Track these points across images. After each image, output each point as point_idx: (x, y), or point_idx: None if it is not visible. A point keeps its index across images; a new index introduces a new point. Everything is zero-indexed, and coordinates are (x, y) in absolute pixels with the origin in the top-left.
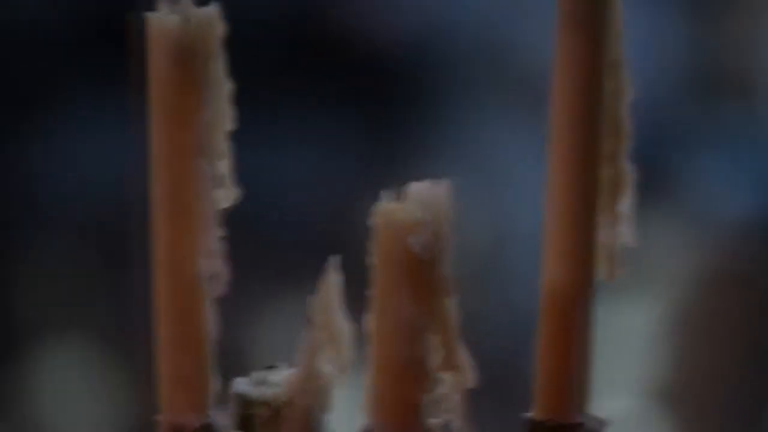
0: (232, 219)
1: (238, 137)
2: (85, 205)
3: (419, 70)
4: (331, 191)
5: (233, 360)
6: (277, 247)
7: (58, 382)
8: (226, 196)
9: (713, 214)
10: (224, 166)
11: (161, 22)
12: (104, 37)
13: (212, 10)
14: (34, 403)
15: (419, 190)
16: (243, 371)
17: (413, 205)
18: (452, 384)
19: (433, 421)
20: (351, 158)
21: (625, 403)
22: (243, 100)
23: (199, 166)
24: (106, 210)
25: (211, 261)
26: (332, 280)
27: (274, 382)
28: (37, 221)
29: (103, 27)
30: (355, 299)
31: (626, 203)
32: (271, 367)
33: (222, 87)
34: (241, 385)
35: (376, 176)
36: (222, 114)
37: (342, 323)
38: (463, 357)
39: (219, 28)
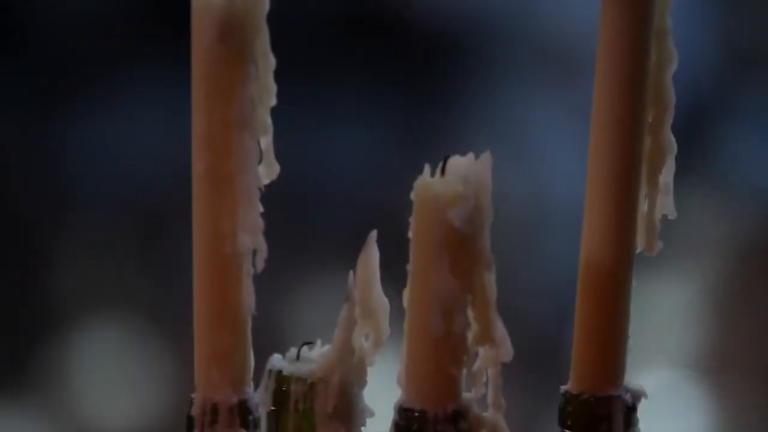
0: (273, 196)
1: (282, 115)
2: (124, 184)
3: (460, 49)
4: (375, 169)
5: (271, 336)
6: (318, 225)
7: (97, 359)
8: (269, 171)
9: (747, 185)
10: (267, 141)
11: None
12: (151, 18)
13: None
14: (74, 379)
15: (459, 164)
16: (280, 348)
17: (453, 179)
18: (488, 357)
19: (469, 395)
20: (392, 135)
21: (662, 374)
22: (286, 78)
23: (241, 140)
24: (144, 189)
25: (252, 237)
26: (371, 256)
27: (310, 358)
28: (76, 200)
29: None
30: (395, 275)
31: (668, 174)
32: (307, 344)
33: (266, 62)
34: (277, 361)
35: (417, 152)
36: (265, 89)
37: (379, 298)
38: (500, 331)
39: (264, 4)
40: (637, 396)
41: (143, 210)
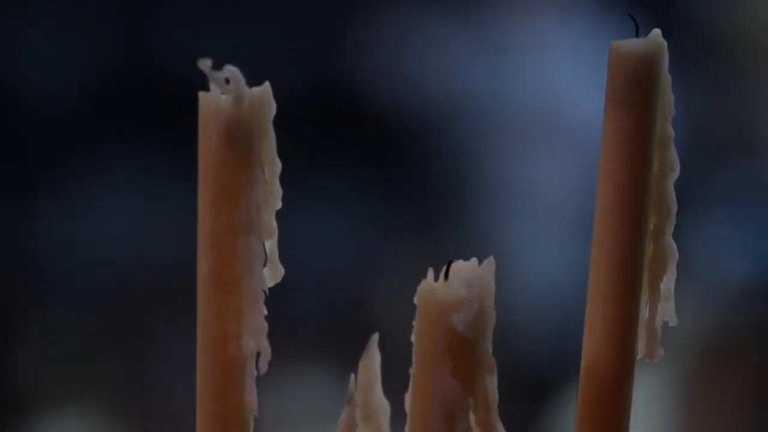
0: None
1: None
2: (93, 276)
3: (431, 135)
4: (349, 259)
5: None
6: (297, 315)
7: None
8: (273, 274)
9: (716, 278)
10: (271, 244)
11: (214, 101)
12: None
13: (264, 90)
14: None
15: (463, 268)
16: None
17: (457, 283)
18: None
19: None
20: (369, 225)
21: None
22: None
23: (247, 243)
24: (114, 280)
25: (256, 339)
26: (372, 358)
27: None
28: (44, 292)
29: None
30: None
31: (669, 281)
32: None
33: (272, 166)
34: None
35: (390, 243)
36: (271, 193)
37: (380, 401)
38: None
39: (271, 108)
40: None
41: (113, 301)
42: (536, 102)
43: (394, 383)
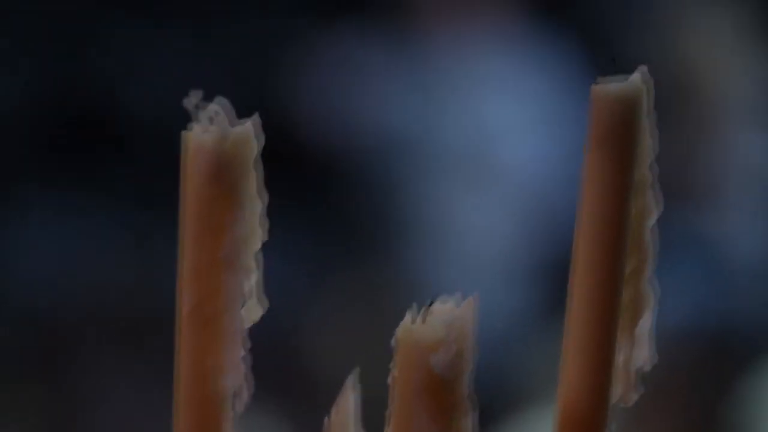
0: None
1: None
2: (28, 307)
3: (366, 176)
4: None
5: None
6: None
7: None
8: (254, 312)
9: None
10: (252, 282)
11: (198, 138)
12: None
13: (248, 128)
14: None
15: (442, 309)
16: None
17: (436, 324)
18: None
19: None
20: (297, 260)
21: None
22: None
23: (228, 281)
24: (47, 313)
25: (236, 378)
26: (347, 400)
27: None
28: None
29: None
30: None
31: (646, 325)
32: None
33: (255, 204)
34: None
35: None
36: (253, 231)
37: None
38: None
39: (254, 146)
40: None
41: (45, 334)
42: (467, 140)
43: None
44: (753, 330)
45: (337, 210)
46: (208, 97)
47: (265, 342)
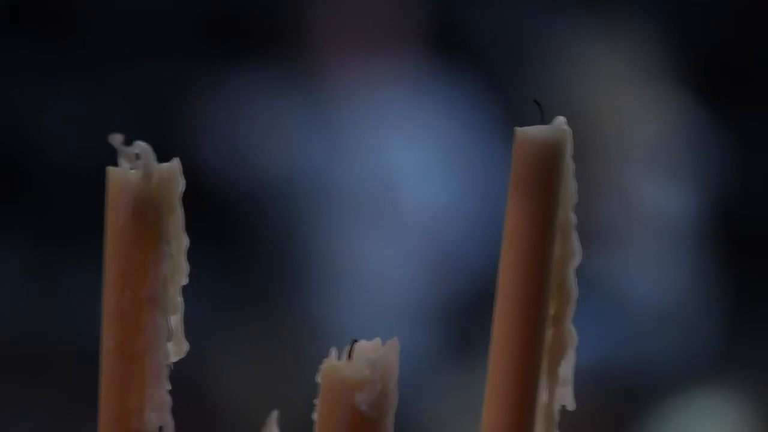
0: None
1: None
2: None
3: (267, 217)
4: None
5: None
6: None
7: None
8: (177, 349)
9: None
10: (177, 319)
11: (122, 175)
12: None
13: (173, 166)
14: None
15: (366, 348)
16: None
17: (361, 363)
18: None
19: None
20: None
21: None
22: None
23: (152, 319)
24: None
25: (160, 414)
26: None
27: None
28: None
29: None
30: None
31: (567, 365)
32: None
33: (180, 242)
34: None
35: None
36: (178, 269)
37: None
38: None
39: (178, 184)
40: None
41: None
42: (370, 181)
43: None
44: (653, 372)
45: (240, 251)
46: (103, 140)
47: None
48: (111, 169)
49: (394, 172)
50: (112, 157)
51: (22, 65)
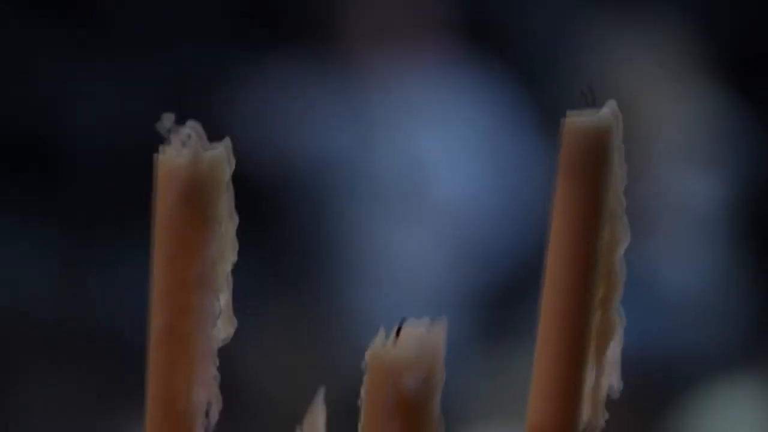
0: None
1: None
2: None
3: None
4: None
5: None
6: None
7: None
8: (226, 328)
9: None
10: (225, 299)
11: (171, 160)
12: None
13: (221, 150)
14: None
15: (413, 331)
16: None
17: (407, 345)
18: None
19: None
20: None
21: None
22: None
23: (201, 299)
24: None
25: (207, 394)
26: (318, 411)
27: None
28: None
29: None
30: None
31: (615, 349)
32: None
33: (228, 224)
34: None
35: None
36: (227, 248)
37: None
38: None
39: (228, 168)
40: None
41: None
42: (400, 169)
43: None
44: (683, 359)
45: (270, 237)
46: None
47: None
48: (160, 153)
49: (424, 161)
50: (144, 141)
51: (55, 45)
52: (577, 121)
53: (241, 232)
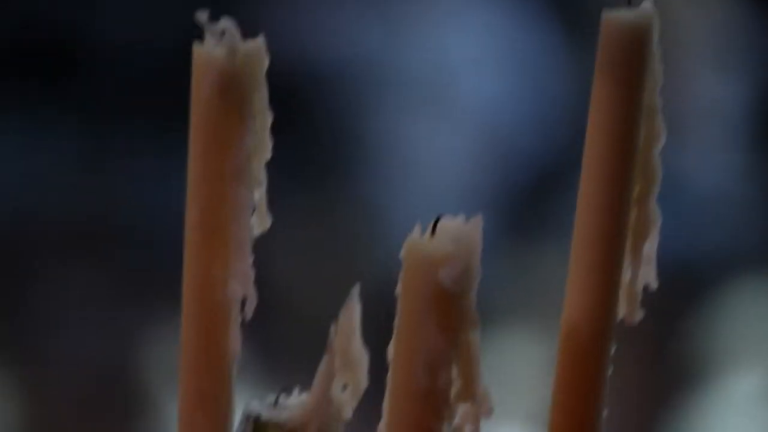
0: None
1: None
2: None
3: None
4: None
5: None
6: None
7: None
8: (261, 222)
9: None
10: (260, 193)
11: (208, 53)
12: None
13: (258, 43)
14: None
15: (450, 225)
16: (259, 394)
17: (444, 239)
18: (469, 414)
19: None
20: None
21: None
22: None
23: (236, 192)
24: (1, 227)
25: (243, 285)
26: (353, 308)
27: (288, 405)
28: None
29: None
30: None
31: (651, 245)
32: (285, 390)
33: (264, 117)
34: (255, 406)
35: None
36: (261, 144)
37: (359, 350)
38: (482, 388)
39: (264, 60)
40: None
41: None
42: (428, 69)
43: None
44: (707, 258)
45: (297, 136)
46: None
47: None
48: (196, 46)
49: (452, 58)
50: (167, 36)
51: None
52: (616, 17)
53: (271, 130)
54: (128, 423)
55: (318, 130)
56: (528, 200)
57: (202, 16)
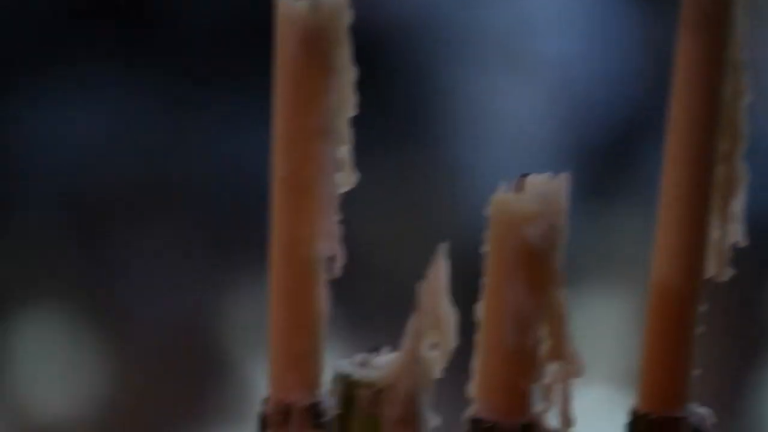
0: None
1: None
2: (65, 179)
3: (401, 58)
4: None
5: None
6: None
7: (34, 350)
8: (347, 180)
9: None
10: (345, 150)
11: (291, 8)
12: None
13: None
14: (13, 370)
15: (536, 181)
16: (347, 353)
17: (531, 196)
18: (560, 373)
19: (540, 409)
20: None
21: (600, 390)
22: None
23: (321, 149)
24: (85, 185)
25: (330, 243)
26: (440, 266)
27: (377, 364)
28: (17, 193)
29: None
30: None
31: (738, 202)
32: (374, 349)
33: (347, 74)
34: (345, 366)
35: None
36: (345, 100)
37: (448, 309)
38: (572, 348)
39: (347, 16)
40: (703, 418)
41: (84, 205)
42: (504, 28)
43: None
44: None
45: (374, 94)
46: None
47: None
48: (281, 2)
49: (529, 19)
50: None
51: None
52: None
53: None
54: (214, 383)
55: (399, 88)
56: (611, 160)
57: None
